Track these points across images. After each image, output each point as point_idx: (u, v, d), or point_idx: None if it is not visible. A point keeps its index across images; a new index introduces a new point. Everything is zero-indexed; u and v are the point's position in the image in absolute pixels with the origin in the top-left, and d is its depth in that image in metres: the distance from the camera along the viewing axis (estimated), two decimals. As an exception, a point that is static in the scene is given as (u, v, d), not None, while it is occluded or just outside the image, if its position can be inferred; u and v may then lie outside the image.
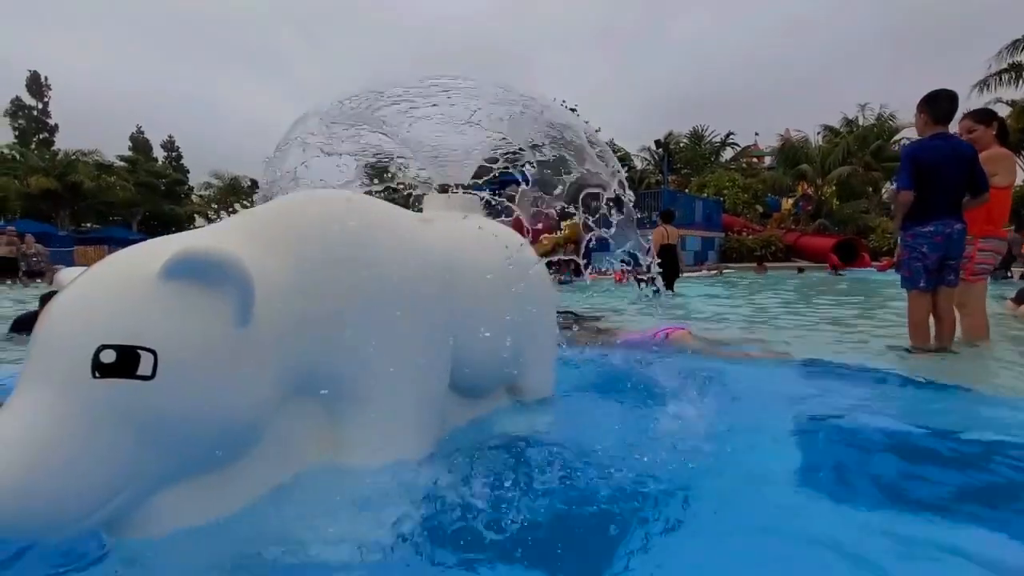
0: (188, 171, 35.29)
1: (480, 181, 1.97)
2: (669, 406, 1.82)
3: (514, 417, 1.76)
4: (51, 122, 31.62)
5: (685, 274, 10.45)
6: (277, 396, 1.09)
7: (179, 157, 35.60)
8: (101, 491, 0.87)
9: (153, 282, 0.93)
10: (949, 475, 1.49)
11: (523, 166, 1.74)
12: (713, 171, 25.92)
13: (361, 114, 1.53)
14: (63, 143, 30.05)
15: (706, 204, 19.14)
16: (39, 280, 12.25)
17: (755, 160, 29.00)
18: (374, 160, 1.85)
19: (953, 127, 3.30)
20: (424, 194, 1.87)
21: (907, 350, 3.17)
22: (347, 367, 1.20)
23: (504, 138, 1.81)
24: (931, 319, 3.21)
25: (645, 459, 1.36)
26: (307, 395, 1.18)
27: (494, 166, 1.91)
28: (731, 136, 29.79)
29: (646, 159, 29.47)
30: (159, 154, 34.62)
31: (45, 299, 3.98)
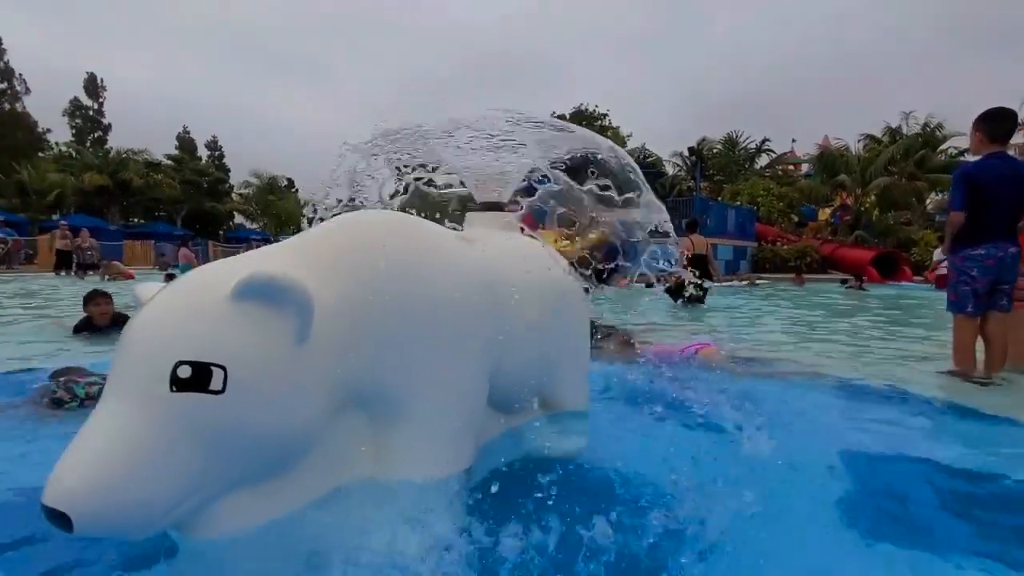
0: (229, 170, 36.57)
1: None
2: (699, 426, 1.82)
3: (550, 433, 1.79)
4: (105, 121, 33.39)
5: (718, 283, 10.23)
6: (330, 409, 1.15)
7: (221, 156, 36.93)
8: (175, 496, 0.95)
9: (225, 302, 1.01)
10: (982, 514, 1.45)
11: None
12: (747, 178, 25.30)
13: (408, 141, 1.61)
14: (115, 142, 31.70)
15: (739, 212, 18.73)
16: (91, 272, 12.92)
17: (791, 168, 28.19)
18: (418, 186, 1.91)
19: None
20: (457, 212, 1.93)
21: (951, 375, 3.07)
22: (393, 382, 1.25)
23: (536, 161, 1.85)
24: (980, 343, 3.10)
25: (678, 481, 1.37)
26: (355, 409, 1.24)
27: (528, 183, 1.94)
28: (766, 143, 29.02)
29: (678, 165, 28.97)
30: (203, 153, 36.04)
31: (89, 299, 4.20)
